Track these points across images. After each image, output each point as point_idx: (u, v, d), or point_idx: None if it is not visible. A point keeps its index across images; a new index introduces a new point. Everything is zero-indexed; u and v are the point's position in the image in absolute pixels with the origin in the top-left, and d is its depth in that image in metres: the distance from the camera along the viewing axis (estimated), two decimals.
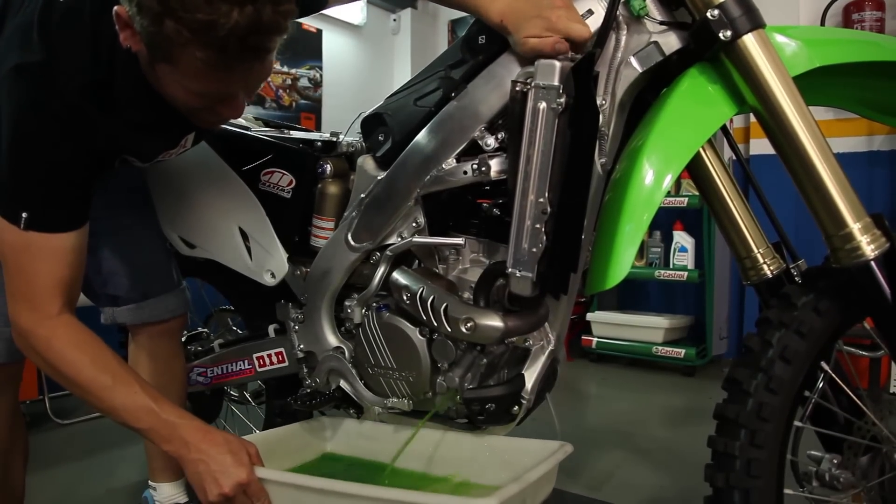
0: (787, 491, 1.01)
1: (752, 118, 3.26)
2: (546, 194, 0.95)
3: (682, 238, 3.31)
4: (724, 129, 1.20)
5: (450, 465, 1.25)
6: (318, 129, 3.96)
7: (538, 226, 0.96)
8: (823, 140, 0.95)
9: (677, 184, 3.26)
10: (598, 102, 1.00)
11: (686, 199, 3.18)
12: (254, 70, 0.95)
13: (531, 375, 1.12)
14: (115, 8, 0.91)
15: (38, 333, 1.03)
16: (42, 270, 1.03)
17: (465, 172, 1.07)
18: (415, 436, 1.23)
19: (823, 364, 1.03)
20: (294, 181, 1.36)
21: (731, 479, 0.96)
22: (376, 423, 1.35)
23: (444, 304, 1.07)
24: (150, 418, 1.04)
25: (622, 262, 0.97)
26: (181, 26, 0.85)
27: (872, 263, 0.92)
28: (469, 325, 1.04)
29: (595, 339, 3.46)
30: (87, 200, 1.08)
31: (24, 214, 1.00)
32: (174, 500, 1.48)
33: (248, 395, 1.86)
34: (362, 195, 1.21)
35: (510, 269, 0.99)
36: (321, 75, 4.07)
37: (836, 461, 1.08)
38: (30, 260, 1.02)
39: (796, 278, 1.12)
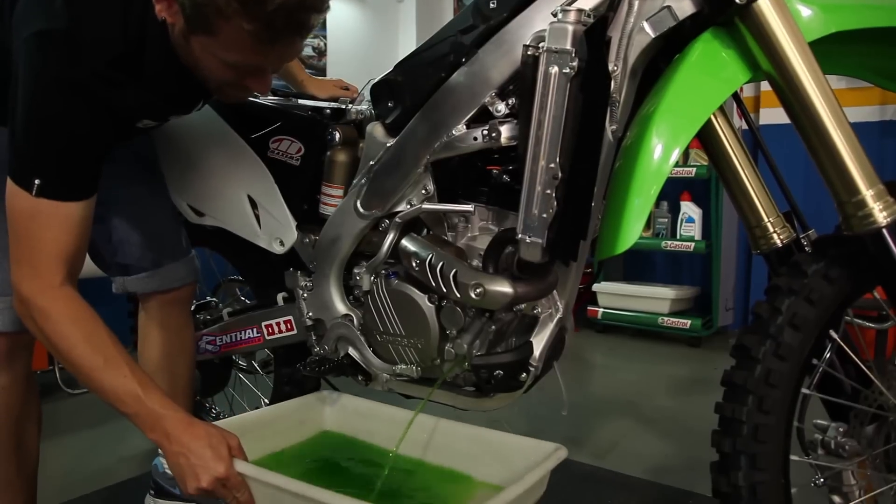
0: (792, 457, 1.02)
1: (763, 88, 3.20)
2: (557, 159, 0.95)
3: (689, 209, 3.30)
4: (735, 96, 1.19)
5: (444, 455, 1.26)
6: None
7: (549, 191, 0.96)
8: (838, 106, 0.93)
9: (685, 154, 3.24)
10: (610, 68, 0.99)
11: (694, 169, 3.16)
12: (293, 45, 0.98)
13: (539, 343, 1.13)
14: None
15: (37, 303, 1.04)
16: (49, 238, 1.03)
17: (475, 139, 1.07)
18: (414, 419, 1.24)
19: (832, 332, 1.03)
20: (303, 149, 1.36)
21: (738, 444, 0.96)
22: (374, 402, 1.37)
23: (454, 271, 1.07)
24: (136, 404, 1.03)
25: (631, 231, 0.97)
26: None
27: (884, 231, 0.92)
28: (478, 290, 1.05)
29: (601, 310, 3.47)
30: (99, 170, 1.08)
31: (36, 181, 1.00)
32: None
33: (256, 365, 1.87)
34: (371, 162, 1.21)
35: (520, 235, 0.99)
36: (325, 44, 4.03)
37: (841, 429, 1.08)
38: (38, 227, 1.03)
39: (806, 247, 1.12)
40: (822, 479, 1.07)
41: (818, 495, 1.09)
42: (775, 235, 1.13)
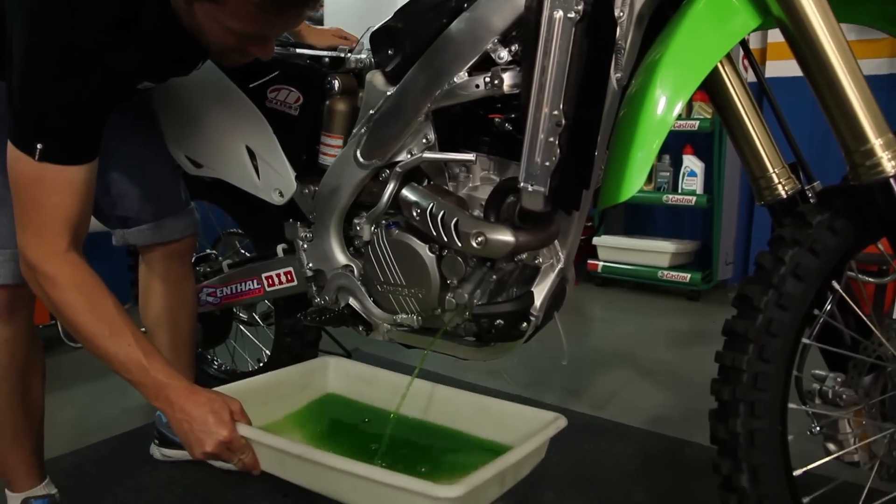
0: (789, 406, 1.03)
1: (770, 39, 3.11)
2: (560, 106, 0.93)
3: (691, 162, 3.27)
4: (743, 44, 1.16)
5: (446, 419, 1.27)
6: None
7: (552, 139, 0.94)
8: (850, 52, 0.91)
9: (689, 106, 3.20)
10: (616, 14, 0.97)
11: (697, 122, 3.12)
12: (300, 15, 0.97)
13: (540, 293, 1.13)
14: None
15: (43, 269, 1.03)
16: (54, 203, 1.02)
17: (477, 86, 1.05)
18: (416, 375, 1.25)
19: (835, 283, 1.02)
20: (301, 98, 1.33)
21: (738, 392, 0.97)
22: (376, 368, 1.38)
23: (455, 219, 1.07)
24: (140, 373, 1.05)
25: (633, 181, 0.96)
26: None
27: (892, 181, 0.90)
28: (479, 239, 1.04)
29: (601, 264, 3.47)
30: (100, 132, 1.07)
31: (38, 146, 0.99)
32: None
33: (257, 317, 1.88)
34: (371, 111, 1.19)
35: (522, 184, 0.98)
36: None
37: (839, 379, 1.09)
38: (42, 192, 1.02)
39: (811, 199, 1.11)
40: (818, 428, 1.09)
41: (813, 443, 1.11)
42: (780, 186, 1.11)
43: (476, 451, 1.20)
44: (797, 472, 1.02)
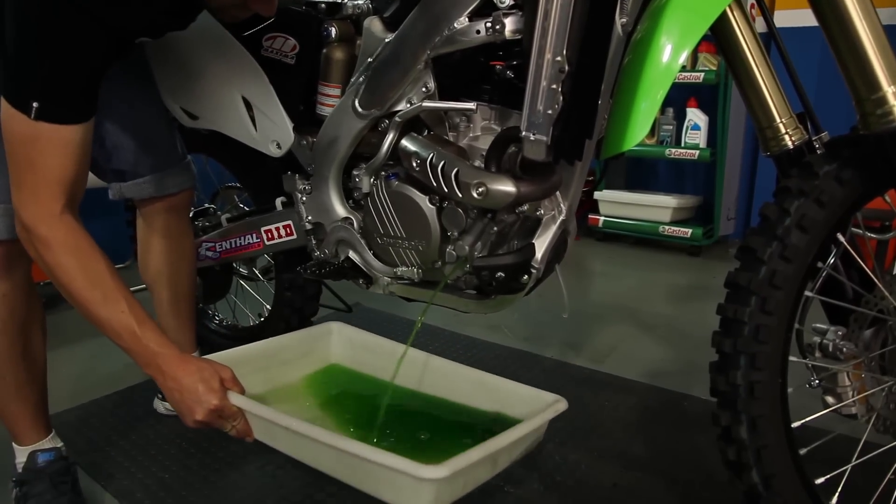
0: (791, 358, 1.02)
1: None
2: (564, 52, 0.90)
3: (695, 115, 3.22)
4: None
5: (445, 392, 1.29)
6: None
7: (554, 86, 0.92)
8: None
9: (693, 58, 3.13)
10: None
11: (702, 74, 3.06)
12: None
13: (542, 245, 1.11)
14: None
15: (38, 231, 1.03)
16: (49, 164, 1.01)
17: (478, 32, 1.02)
18: (415, 334, 1.25)
19: (839, 235, 1.01)
20: (298, 46, 1.30)
21: (739, 345, 0.97)
22: (380, 337, 1.40)
23: (455, 170, 1.05)
24: (131, 340, 1.05)
25: (638, 130, 0.95)
26: None
27: None
28: (480, 189, 1.03)
29: (602, 218, 3.45)
30: (97, 90, 1.05)
31: (34, 104, 0.97)
32: None
33: (257, 271, 1.88)
34: (370, 59, 1.16)
35: (524, 133, 0.96)
36: None
37: (840, 333, 1.09)
38: (38, 152, 1.00)
39: (818, 150, 1.09)
40: (817, 381, 1.09)
41: (812, 396, 1.11)
42: (787, 137, 1.09)
43: (477, 424, 1.22)
44: (795, 425, 1.03)
